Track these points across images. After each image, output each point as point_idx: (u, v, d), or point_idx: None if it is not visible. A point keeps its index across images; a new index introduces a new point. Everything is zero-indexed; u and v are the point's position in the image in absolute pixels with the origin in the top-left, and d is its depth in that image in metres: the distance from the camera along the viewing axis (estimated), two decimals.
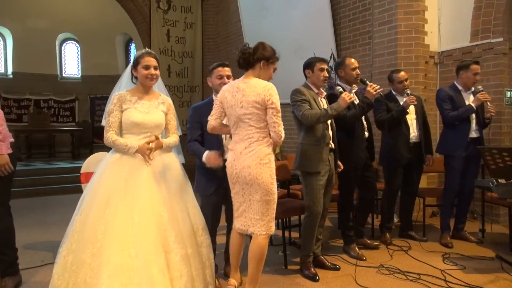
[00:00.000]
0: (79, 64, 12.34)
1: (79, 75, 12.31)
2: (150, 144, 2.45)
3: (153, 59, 2.55)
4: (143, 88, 2.58)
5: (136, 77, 2.60)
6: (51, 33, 11.59)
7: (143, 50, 2.63)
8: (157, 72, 2.57)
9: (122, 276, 2.16)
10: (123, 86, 2.67)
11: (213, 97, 2.96)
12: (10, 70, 11.39)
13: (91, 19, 11.46)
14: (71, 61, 12.39)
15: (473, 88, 3.78)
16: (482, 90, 3.69)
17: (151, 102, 2.58)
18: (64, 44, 12.30)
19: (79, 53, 12.31)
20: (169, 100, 2.70)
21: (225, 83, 2.85)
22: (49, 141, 10.82)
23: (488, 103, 3.67)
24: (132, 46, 11.91)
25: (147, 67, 2.52)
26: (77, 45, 12.30)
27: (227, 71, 2.89)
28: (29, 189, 6.95)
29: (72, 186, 6.48)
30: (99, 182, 2.43)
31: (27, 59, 11.12)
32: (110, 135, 2.47)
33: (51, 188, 7.18)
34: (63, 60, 12.29)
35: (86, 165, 3.69)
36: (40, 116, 10.84)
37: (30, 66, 11.14)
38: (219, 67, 2.90)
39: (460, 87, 3.78)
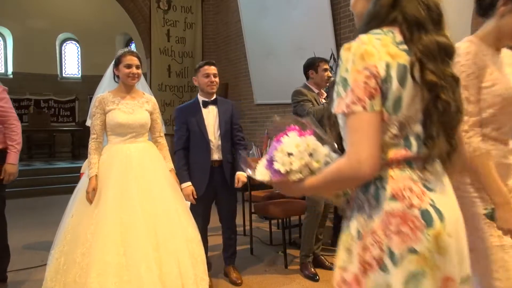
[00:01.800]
0: (79, 64, 12.34)
1: (79, 75, 12.31)
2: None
3: (135, 58, 2.53)
4: (125, 87, 2.56)
5: (118, 76, 2.58)
6: (51, 33, 11.58)
7: (125, 49, 2.61)
8: (139, 71, 2.55)
9: (111, 274, 2.17)
10: (105, 85, 2.66)
11: (198, 97, 2.97)
12: (10, 70, 11.39)
13: (91, 19, 11.45)
14: (71, 61, 12.38)
15: None
16: None
17: (135, 101, 2.56)
18: (64, 44, 12.30)
19: (79, 53, 12.31)
20: (153, 99, 2.69)
21: (212, 82, 2.87)
22: (49, 141, 10.81)
23: None
24: (132, 46, 11.90)
25: (129, 66, 2.49)
26: (77, 45, 12.30)
27: (213, 69, 2.91)
28: (29, 189, 6.95)
29: (72, 186, 6.42)
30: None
31: (27, 59, 11.11)
32: (91, 144, 2.48)
33: (51, 188, 7.18)
34: (63, 60, 12.29)
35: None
36: (40, 116, 10.82)
37: (30, 66, 11.13)
38: (206, 65, 2.93)
39: None
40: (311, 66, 3.18)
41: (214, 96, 2.97)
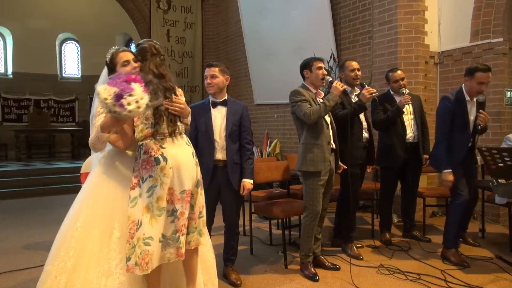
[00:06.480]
0: (79, 64, 12.34)
1: (79, 75, 12.31)
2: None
3: (128, 53, 2.22)
4: None
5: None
6: (51, 33, 11.59)
7: (111, 50, 2.25)
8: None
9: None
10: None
11: (209, 97, 2.97)
12: (10, 70, 11.39)
13: (91, 19, 11.46)
14: (71, 61, 12.39)
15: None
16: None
17: None
18: (64, 44, 12.30)
19: (79, 53, 12.31)
20: None
21: (209, 83, 2.87)
22: (49, 141, 10.85)
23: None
24: (132, 46, 11.92)
25: (127, 63, 2.17)
26: (77, 45, 12.30)
27: (211, 71, 2.89)
28: (29, 189, 6.94)
29: (72, 186, 6.47)
30: (97, 195, 2.19)
31: (27, 59, 11.12)
32: None
33: (51, 188, 7.18)
34: (63, 60, 12.30)
35: (86, 165, 3.69)
36: (40, 116, 10.83)
37: (30, 66, 11.14)
38: (206, 67, 2.94)
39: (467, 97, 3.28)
40: (305, 66, 3.17)
41: (225, 97, 2.96)
